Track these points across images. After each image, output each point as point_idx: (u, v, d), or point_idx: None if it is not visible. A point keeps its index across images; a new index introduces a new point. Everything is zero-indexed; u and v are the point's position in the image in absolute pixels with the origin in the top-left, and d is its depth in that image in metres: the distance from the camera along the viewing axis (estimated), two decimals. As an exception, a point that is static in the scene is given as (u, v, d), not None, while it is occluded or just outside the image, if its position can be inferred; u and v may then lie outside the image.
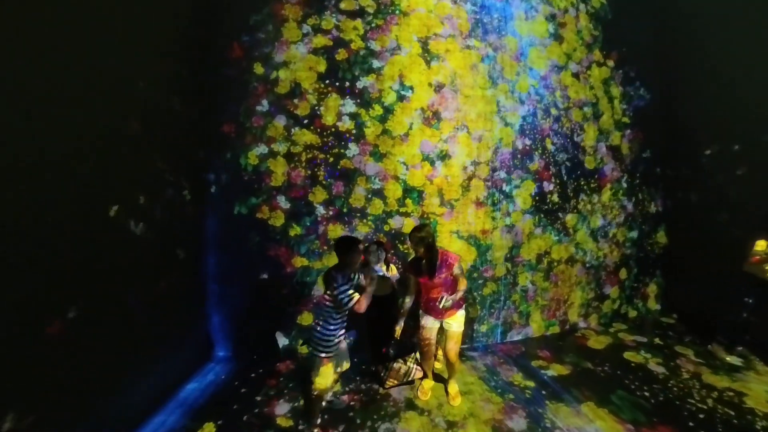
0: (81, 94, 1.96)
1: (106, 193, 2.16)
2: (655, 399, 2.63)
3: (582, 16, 3.90)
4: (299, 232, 3.28)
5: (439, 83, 3.40)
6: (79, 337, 1.93)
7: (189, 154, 3.11)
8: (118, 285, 2.24)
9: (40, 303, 1.73)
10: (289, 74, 3.27)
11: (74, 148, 1.94)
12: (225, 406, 2.63)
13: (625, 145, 4.05)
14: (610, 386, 2.81)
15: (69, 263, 1.88)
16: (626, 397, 2.67)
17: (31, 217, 1.70)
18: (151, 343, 2.58)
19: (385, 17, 3.35)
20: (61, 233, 1.84)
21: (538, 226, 3.67)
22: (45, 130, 1.76)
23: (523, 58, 3.63)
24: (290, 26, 3.29)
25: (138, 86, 2.47)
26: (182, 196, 2.98)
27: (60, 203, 1.84)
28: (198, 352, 3.24)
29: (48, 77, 1.76)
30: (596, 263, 3.95)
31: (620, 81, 4.06)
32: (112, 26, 2.21)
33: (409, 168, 3.32)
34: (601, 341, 3.58)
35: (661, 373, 2.99)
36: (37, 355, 1.71)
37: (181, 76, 3.00)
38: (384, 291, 3.04)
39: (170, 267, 2.84)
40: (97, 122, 2.09)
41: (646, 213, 4.20)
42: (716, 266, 3.65)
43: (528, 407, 2.58)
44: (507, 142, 3.56)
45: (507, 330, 3.65)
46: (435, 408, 2.59)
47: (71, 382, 1.88)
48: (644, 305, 4.28)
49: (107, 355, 2.14)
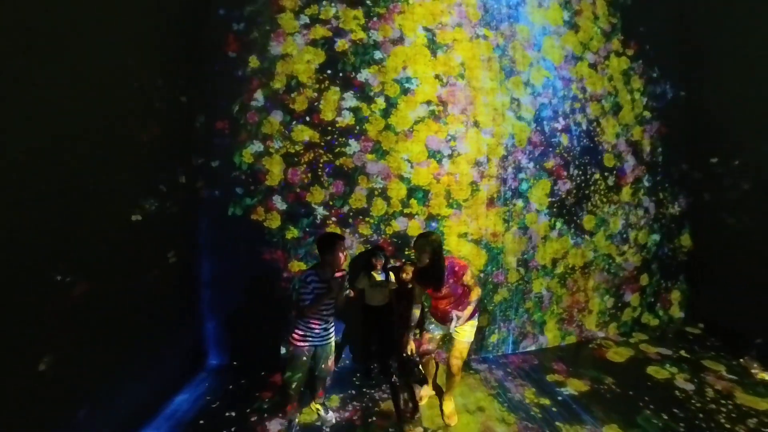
0: (72, 93, 1.85)
1: (90, 192, 1.99)
2: (685, 422, 2.39)
3: (599, 3, 3.71)
4: (296, 234, 3.14)
5: (446, 75, 3.23)
6: (62, 343, 1.77)
7: (179, 152, 2.95)
8: (102, 290, 2.06)
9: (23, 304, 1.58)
10: (286, 67, 3.12)
11: (61, 147, 1.80)
12: (216, 421, 2.44)
13: (647, 141, 3.86)
14: (635, 406, 2.59)
15: (53, 266, 1.73)
16: (652, 419, 2.43)
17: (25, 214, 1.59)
18: (139, 351, 2.43)
19: (387, 5, 3.19)
20: (47, 233, 1.70)
21: (553, 229, 3.50)
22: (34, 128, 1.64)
23: (536, 48, 3.47)
24: (287, 17, 3.14)
25: (128, 81, 2.32)
26: (173, 197, 2.82)
27: (43, 203, 1.69)
28: (189, 361, 3.08)
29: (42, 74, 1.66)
30: (615, 268, 3.75)
31: (641, 72, 3.86)
32: (103, 21, 2.07)
33: (414, 166, 3.16)
34: (622, 353, 3.36)
35: (690, 391, 2.73)
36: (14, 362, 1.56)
37: (172, 71, 2.83)
38: (380, 301, 2.94)
39: (160, 271, 2.67)
40: (85, 119, 1.95)
41: (669, 214, 4.00)
42: (748, 272, 3.39)
43: (543, 429, 2.35)
44: (520, 138, 3.40)
45: (519, 340, 3.46)
46: (441, 429, 2.37)
47: (52, 391, 1.71)
48: (666, 313, 4.05)
49: (91, 365, 1.97)
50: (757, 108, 3.40)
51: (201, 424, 2.42)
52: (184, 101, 3.01)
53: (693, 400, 2.66)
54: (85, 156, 1.96)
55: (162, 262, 2.73)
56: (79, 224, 1.94)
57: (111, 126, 2.18)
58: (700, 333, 3.80)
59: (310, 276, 2.22)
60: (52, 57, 1.75)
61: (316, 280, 2.21)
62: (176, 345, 2.93)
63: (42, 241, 1.70)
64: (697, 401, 2.64)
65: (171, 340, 2.84)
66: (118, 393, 2.22)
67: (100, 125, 2.09)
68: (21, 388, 1.58)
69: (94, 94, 2.03)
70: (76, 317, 1.89)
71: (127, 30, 2.31)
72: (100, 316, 2.06)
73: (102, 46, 2.10)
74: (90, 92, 2.00)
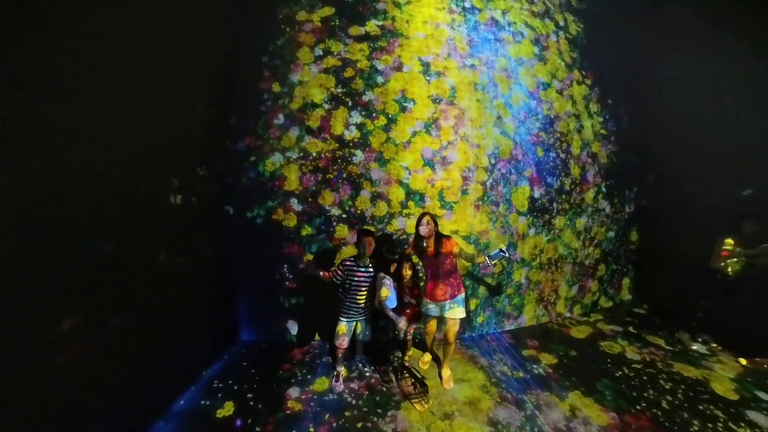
0: (139, 119, 2.21)
1: (151, 198, 2.35)
2: (633, 386, 2.65)
3: (561, 41, 4.05)
4: (310, 232, 3.32)
5: (438, 97, 3.46)
6: (133, 315, 2.14)
7: (215, 162, 3.21)
8: (162, 278, 2.42)
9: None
10: (302, 91, 3.34)
11: (134, 162, 2.17)
12: (245, 387, 2.68)
13: (603, 154, 4.14)
14: (594, 375, 2.81)
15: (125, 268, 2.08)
16: (609, 385, 2.67)
17: (93, 217, 1.87)
18: (186, 328, 2.72)
19: (388, 40, 3.44)
20: (120, 235, 2.04)
21: (531, 227, 3.74)
22: (110, 145, 1.99)
23: (514, 76, 3.72)
24: (304, 50, 3.39)
25: (183, 108, 2.70)
26: (210, 200, 3.10)
27: (115, 207, 2.01)
28: (225, 336, 3.35)
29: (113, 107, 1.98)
30: (580, 260, 4.04)
31: (597, 97, 4.18)
32: (166, 64, 2.44)
33: (411, 173, 3.35)
34: (583, 331, 3.63)
35: (637, 360, 3.02)
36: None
37: (215, 98, 3.18)
38: None
39: (200, 262, 2.97)
40: (150, 134, 2.31)
41: (621, 214, 4.32)
42: (682, 263, 3.77)
43: (519, 395, 2.57)
44: (504, 150, 3.60)
45: (501, 321, 3.69)
46: (433, 397, 2.57)
47: (126, 352, 2.08)
48: (618, 297, 4.40)
49: (150, 337, 2.30)
50: (689, 128, 3.83)
51: (235, 390, 2.67)
52: (221, 122, 3.30)
53: (639, 367, 2.92)
54: (148, 162, 2.30)
55: (201, 255, 3.00)
56: (152, 230, 2.31)
57: (169, 150, 2.55)
58: (645, 312, 4.10)
59: (348, 261, 2.61)
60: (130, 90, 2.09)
61: (350, 266, 2.60)
62: (213, 323, 3.20)
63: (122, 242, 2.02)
64: (642, 369, 2.90)
65: (209, 319, 3.13)
66: (169, 360, 2.53)
67: (163, 142, 2.44)
68: (102, 351, 1.92)
69: (158, 113, 2.38)
70: (139, 298, 2.19)
71: (184, 69, 2.68)
72: (157, 299, 2.36)
73: (164, 84, 2.45)
74: (156, 112, 2.35)
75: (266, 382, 2.78)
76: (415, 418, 2.37)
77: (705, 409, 2.41)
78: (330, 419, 2.36)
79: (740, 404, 2.46)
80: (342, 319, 2.73)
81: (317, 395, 2.63)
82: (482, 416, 2.38)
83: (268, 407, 2.47)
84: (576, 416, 2.36)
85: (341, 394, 2.64)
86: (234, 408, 2.46)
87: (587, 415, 2.36)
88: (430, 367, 2.99)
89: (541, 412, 2.41)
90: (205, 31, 2.98)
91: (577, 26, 4.22)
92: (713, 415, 2.34)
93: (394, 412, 2.43)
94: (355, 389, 2.71)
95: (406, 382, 2.75)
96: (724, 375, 2.82)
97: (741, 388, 2.65)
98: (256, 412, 2.42)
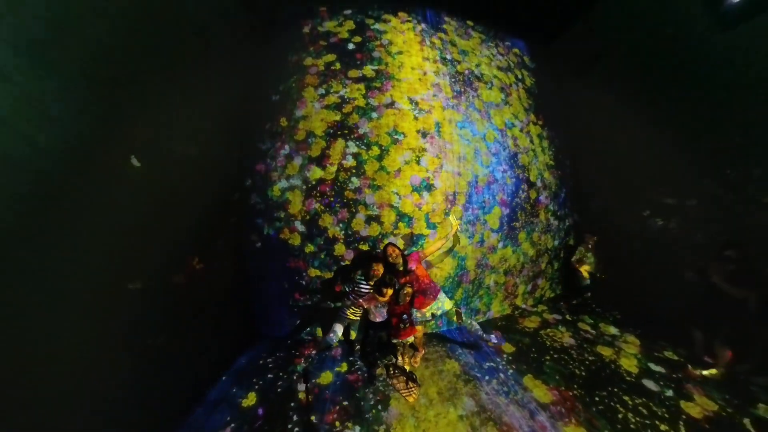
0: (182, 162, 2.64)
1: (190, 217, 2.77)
2: (570, 366, 2.86)
3: (521, 91, 4.49)
4: (312, 249, 3.43)
5: (425, 131, 3.67)
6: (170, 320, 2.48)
7: (233, 189, 3.44)
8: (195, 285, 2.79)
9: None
10: (306, 124, 3.42)
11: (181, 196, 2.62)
12: (264, 377, 2.86)
13: (553, 181, 4.59)
14: (542, 358, 2.98)
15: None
16: (553, 367, 2.84)
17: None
18: (218, 327, 3.06)
19: (382, 82, 3.61)
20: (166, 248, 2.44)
21: (500, 241, 4.03)
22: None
23: (487, 116, 4.05)
24: (309, 90, 3.48)
25: (212, 146, 3.12)
26: (230, 220, 3.35)
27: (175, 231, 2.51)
28: (249, 333, 3.60)
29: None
30: (534, 262, 4.43)
31: (547, 135, 4.63)
32: (192, 116, 2.80)
33: (401, 197, 3.51)
34: (534, 320, 3.86)
35: (572, 345, 3.25)
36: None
37: (229, 140, 3.48)
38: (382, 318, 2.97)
39: (226, 272, 3.29)
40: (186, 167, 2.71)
41: (562, 226, 4.78)
42: (607, 259, 4.31)
43: (484, 380, 2.69)
44: (481, 178, 3.88)
45: (473, 315, 3.95)
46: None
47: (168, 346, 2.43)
48: (558, 290, 4.82)
49: (186, 334, 2.62)
50: (616, 160, 4.35)
51: (254, 381, 2.83)
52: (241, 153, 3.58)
53: (573, 351, 3.14)
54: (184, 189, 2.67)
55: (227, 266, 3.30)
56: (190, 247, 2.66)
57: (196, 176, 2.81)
58: (576, 303, 4.46)
59: (358, 276, 2.81)
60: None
61: (359, 281, 2.79)
62: (238, 321, 3.48)
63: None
64: (575, 351, 3.13)
65: (233, 318, 3.39)
66: (203, 354, 2.85)
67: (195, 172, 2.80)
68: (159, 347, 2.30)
69: (197, 151, 2.84)
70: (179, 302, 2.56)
71: (207, 117, 2.96)
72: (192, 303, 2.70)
73: (191, 131, 2.71)
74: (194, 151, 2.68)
75: (282, 374, 2.91)
76: (404, 409, 2.48)
77: (615, 379, 2.66)
78: (333, 408, 2.48)
79: (639, 376, 2.74)
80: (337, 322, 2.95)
81: (320, 388, 2.75)
82: (459, 400, 2.51)
83: (281, 397, 2.62)
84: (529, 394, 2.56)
85: (341, 393, 2.69)
86: (256, 399, 2.57)
87: (536, 395, 2.53)
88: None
89: (503, 394, 2.55)
90: (230, 85, 3.33)
91: (530, 80, 4.70)
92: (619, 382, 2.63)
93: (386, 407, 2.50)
94: (354, 381, 2.82)
95: (399, 379, 2.81)
96: (629, 352, 3.14)
97: (638, 363, 2.97)
98: (273, 401, 2.56)
